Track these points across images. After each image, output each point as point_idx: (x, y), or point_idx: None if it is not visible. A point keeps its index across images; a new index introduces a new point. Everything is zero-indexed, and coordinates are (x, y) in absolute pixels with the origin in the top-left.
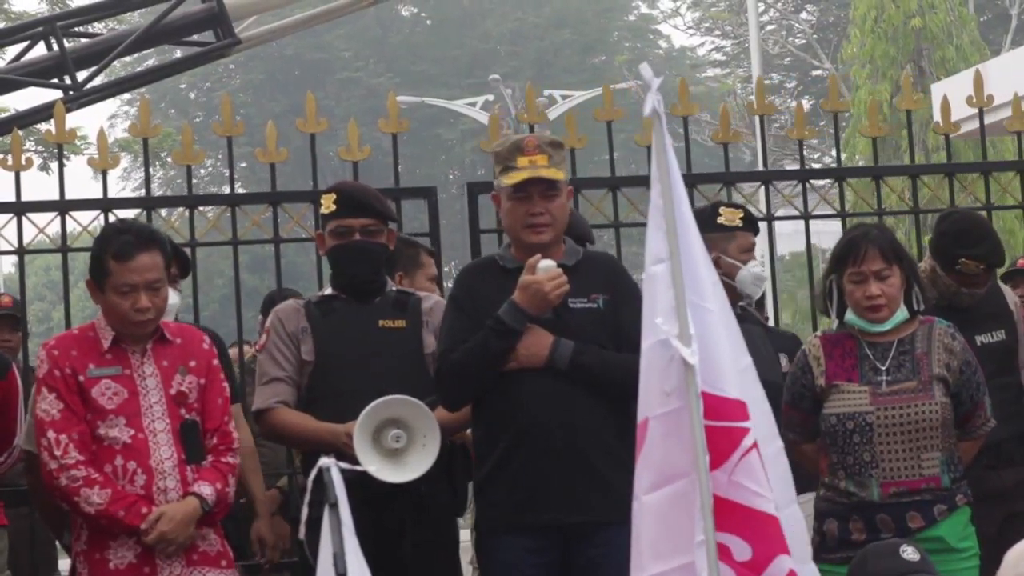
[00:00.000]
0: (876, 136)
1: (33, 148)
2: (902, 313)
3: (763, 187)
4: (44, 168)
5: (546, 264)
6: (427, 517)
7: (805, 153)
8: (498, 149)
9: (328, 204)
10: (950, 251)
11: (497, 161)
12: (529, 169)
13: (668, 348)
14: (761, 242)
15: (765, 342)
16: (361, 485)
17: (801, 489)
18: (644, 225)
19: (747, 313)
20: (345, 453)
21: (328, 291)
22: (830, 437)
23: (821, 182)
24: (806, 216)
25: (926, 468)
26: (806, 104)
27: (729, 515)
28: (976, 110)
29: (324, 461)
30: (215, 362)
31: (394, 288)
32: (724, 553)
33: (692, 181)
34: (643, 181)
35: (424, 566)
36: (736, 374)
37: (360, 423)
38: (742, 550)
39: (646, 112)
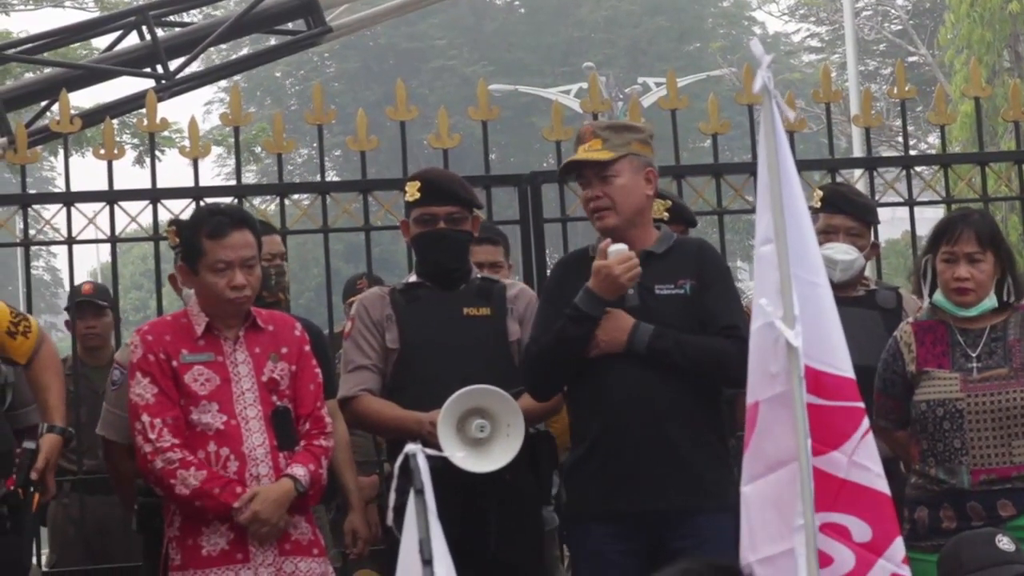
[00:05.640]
0: (945, 123)
1: (128, 141)
2: (990, 301)
3: (867, 173)
4: (139, 161)
5: (617, 248)
6: (512, 506)
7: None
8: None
9: (412, 192)
10: None
11: None
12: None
13: (774, 330)
14: None
15: (878, 325)
16: (446, 473)
17: None
18: (748, 212)
19: (868, 296)
20: (429, 442)
21: (412, 278)
22: (920, 424)
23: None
24: (911, 203)
25: (1017, 456)
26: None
27: (850, 496)
28: None
29: (410, 447)
30: (307, 348)
31: (478, 275)
32: (844, 534)
33: (796, 168)
34: (747, 168)
35: (510, 555)
36: (844, 353)
37: (444, 412)
38: (862, 531)
39: (755, 89)
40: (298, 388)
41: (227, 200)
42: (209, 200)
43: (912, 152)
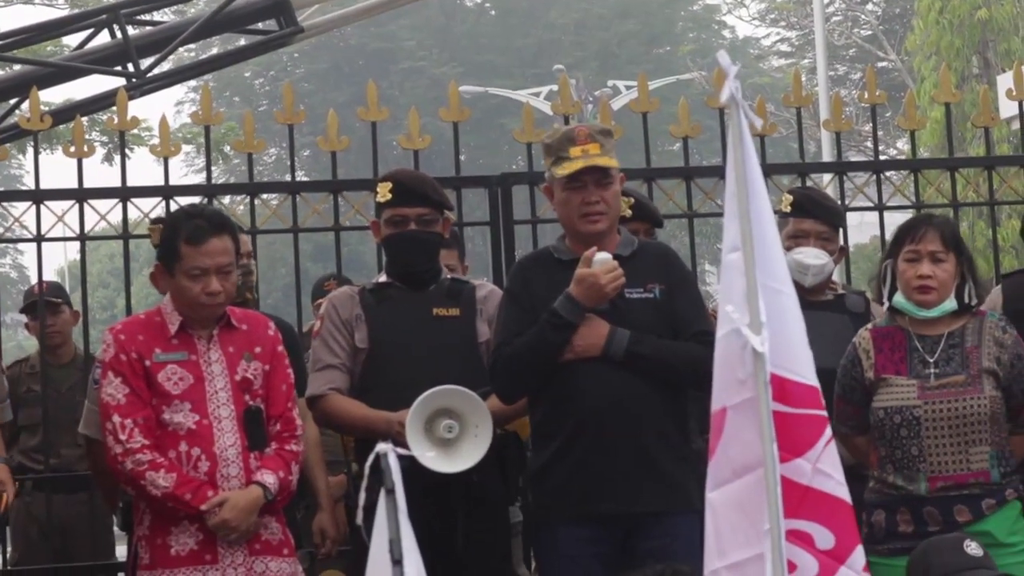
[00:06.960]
0: (915, 129)
1: (98, 139)
2: (950, 303)
3: (837, 178)
4: (108, 159)
5: (602, 257)
6: (479, 507)
7: (865, 145)
8: (548, 140)
9: (384, 193)
10: None
11: (548, 153)
12: (583, 158)
13: (741, 337)
14: None
15: (848, 329)
16: (414, 474)
17: None
18: (718, 215)
19: (838, 300)
20: (398, 441)
21: (382, 278)
22: (878, 430)
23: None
24: (880, 207)
25: (974, 462)
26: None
27: (814, 503)
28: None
29: (381, 447)
30: (280, 348)
31: (448, 276)
32: (807, 541)
33: (766, 172)
34: (717, 171)
35: (477, 555)
36: (809, 361)
37: (412, 412)
38: (825, 538)
39: (723, 99)
40: (270, 388)
41: (197, 199)
42: (180, 199)
43: (882, 157)
